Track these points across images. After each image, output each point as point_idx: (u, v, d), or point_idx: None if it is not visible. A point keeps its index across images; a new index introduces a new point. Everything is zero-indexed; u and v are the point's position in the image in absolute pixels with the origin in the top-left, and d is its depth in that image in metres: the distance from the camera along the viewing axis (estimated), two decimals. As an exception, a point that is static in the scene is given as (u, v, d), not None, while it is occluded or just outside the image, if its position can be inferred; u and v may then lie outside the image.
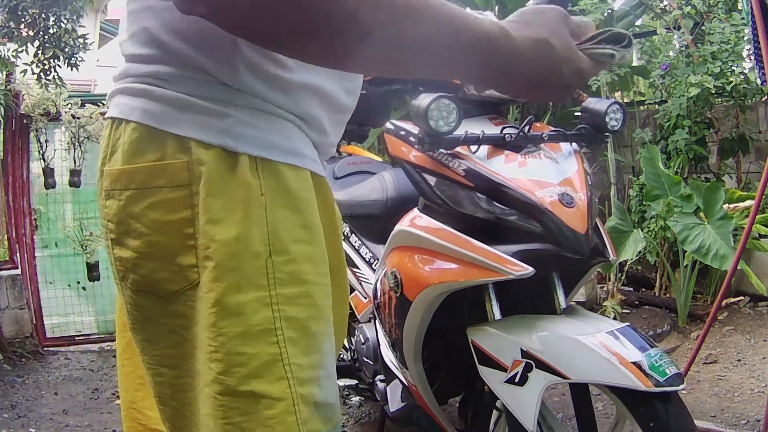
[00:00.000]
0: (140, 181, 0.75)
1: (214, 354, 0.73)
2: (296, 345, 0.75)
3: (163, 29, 0.74)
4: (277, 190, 0.76)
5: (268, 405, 0.73)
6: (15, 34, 3.47)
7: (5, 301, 3.61)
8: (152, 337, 0.80)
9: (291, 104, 0.78)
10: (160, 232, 0.75)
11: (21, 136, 3.77)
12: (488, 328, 1.32)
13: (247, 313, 0.73)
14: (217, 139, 0.74)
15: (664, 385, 1.10)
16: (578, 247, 1.25)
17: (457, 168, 1.31)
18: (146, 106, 0.75)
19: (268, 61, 0.75)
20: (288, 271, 0.75)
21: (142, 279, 0.77)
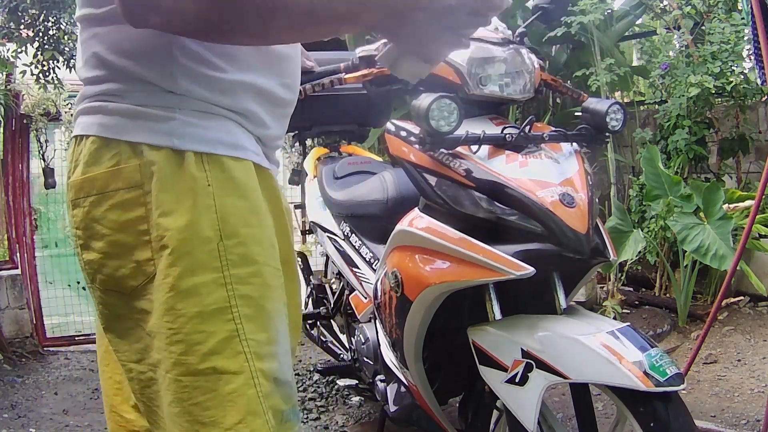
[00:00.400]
0: (99, 187, 0.83)
1: (174, 336, 0.79)
2: (252, 321, 0.81)
3: (109, 51, 0.83)
4: (224, 181, 0.82)
5: (228, 380, 0.78)
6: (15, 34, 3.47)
7: (5, 301, 3.61)
8: (121, 334, 0.86)
9: (229, 102, 0.85)
10: (119, 231, 0.82)
11: (21, 136, 3.77)
12: (489, 328, 1.32)
13: (203, 293, 0.79)
14: (165, 140, 0.81)
15: (664, 385, 1.10)
16: (579, 247, 1.25)
17: (457, 168, 1.31)
18: (102, 120, 0.83)
19: (203, 66, 0.83)
20: (239, 253, 0.81)
21: (107, 278, 0.84)
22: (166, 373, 0.80)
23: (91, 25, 0.85)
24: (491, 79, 1.41)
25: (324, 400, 2.76)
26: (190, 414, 0.79)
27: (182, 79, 0.82)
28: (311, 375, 3.10)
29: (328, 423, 2.54)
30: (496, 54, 1.42)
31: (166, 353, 0.80)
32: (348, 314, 2.26)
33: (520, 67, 1.43)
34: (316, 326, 2.57)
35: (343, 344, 2.38)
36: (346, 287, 2.27)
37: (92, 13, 0.84)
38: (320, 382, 2.98)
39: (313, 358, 3.39)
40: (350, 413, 2.62)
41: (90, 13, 0.84)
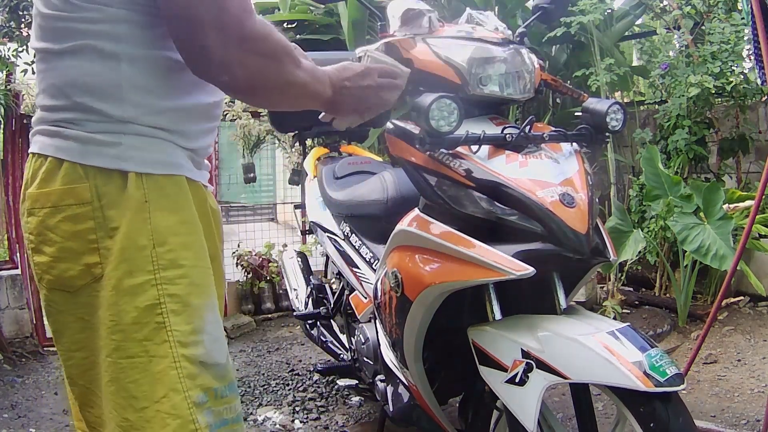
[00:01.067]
0: (54, 201, 0.97)
1: (116, 327, 0.95)
2: (178, 315, 0.97)
3: (66, 84, 0.97)
4: (158, 197, 0.98)
5: (157, 362, 0.95)
6: (15, 34, 3.46)
7: (5, 301, 3.60)
8: (62, 327, 1.02)
9: (168, 124, 1.00)
10: (70, 239, 0.97)
11: (21, 136, 3.76)
12: (489, 328, 1.32)
13: (138, 292, 0.96)
14: (113, 163, 0.97)
15: (664, 385, 1.10)
16: (579, 247, 1.25)
17: (458, 168, 1.31)
18: (58, 143, 0.98)
19: (148, 95, 0.98)
20: (168, 258, 0.98)
21: (54, 278, 0.99)
22: (106, 356, 0.97)
23: (48, 59, 0.99)
24: (491, 79, 1.41)
25: (324, 400, 2.76)
26: (126, 390, 0.95)
27: (130, 107, 0.97)
28: (311, 375, 3.10)
29: (328, 423, 2.54)
30: (496, 54, 1.42)
31: (107, 340, 0.96)
32: (348, 314, 2.26)
33: (520, 67, 1.44)
34: (316, 326, 2.57)
35: (343, 344, 2.38)
36: (346, 287, 2.27)
37: (50, 47, 0.98)
38: (320, 382, 2.98)
39: (313, 358, 3.39)
40: (350, 413, 2.62)
41: (48, 47, 0.98)
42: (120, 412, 0.96)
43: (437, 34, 1.47)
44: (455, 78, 1.40)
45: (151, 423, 0.95)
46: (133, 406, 0.95)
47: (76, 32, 0.95)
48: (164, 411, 0.95)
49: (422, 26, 1.46)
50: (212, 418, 0.97)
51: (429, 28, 1.46)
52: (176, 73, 1.00)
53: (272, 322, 4.17)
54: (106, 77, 0.96)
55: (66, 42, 0.96)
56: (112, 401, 0.97)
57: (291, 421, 2.57)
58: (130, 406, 0.95)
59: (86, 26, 0.95)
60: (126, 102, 0.97)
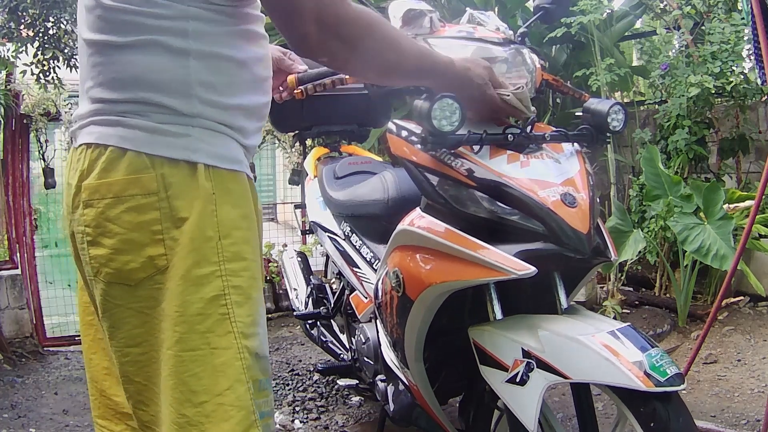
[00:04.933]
0: (116, 191, 0.95)
1: (180, 318, 0.94)
2: (241, 307, 0.97)
3: (131, 79, 0.96)
4: (223, 191, 0.99)
5: (220, 354, 0.95)
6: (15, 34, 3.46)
7: (5, 301, 3.60)
8: (119, 322, 0.99)
9: (230, 120, 1.01)
10: (133, 231, 0.95)
11: (21, 136, 3.76)
12: (489, 327, 1.32)
13: (204, 283, 0.95)
14: (182, 154, 0.97)
15: (664, 385, 1.10)
16: (580, 247, 1.25)
17: (459, 167, 1.31)
18: (122, 133, 0.96)
19: (212, 93, 0.99)
20: (232, 251, 0.98)
21: (114, 271, 0.97)
22: (167, 349, 0.95)
23: (107, 51, 0.97)
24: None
25: (324, 400, 2.76)
26: (185, 384, 0.94)
27: (197, 103, 0.97)
28: (311, 375, 3.10)
29: (328, 423, 2.54)
30: (497, 54, 1.43)
31: (170, 332, 0.95)
32: (348, 314, 2.26)
33: (521, 67, 1.44)
34: (316, 326, 2.57)
35: (343, 344, 2.38)
36: (346, 287, 2.27)
37: (112, 40, 0.96)
38: (320, 382, 2.98)
39: (313, 358, 3.39)
40: (350, 413, 2.62)
41: (108, 40, 0.97)
42: (177, 408, 0.94)
43: (438, 35, 1.47)
44: None
45: (211, 417, 0.94)
46: (191, 401, 0.94)
47: (143, 27, 0.95)
48: (228, 403, 0.94)
49: (423, 26, 1.46)
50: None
51: (430, 28, 1.46)
52: (238, 71, 1.02)
53: (272, 322, 4.17)
54: (173, 73, 0.96)
55: (130, 36, 0.95)
56: (170, 396, 0.95)
57: (291, 421, 2.57)
58: (188, 401, 0.94)
59: (154, 21, 0.95)
60: (193, 98, 0.97)
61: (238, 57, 1.01)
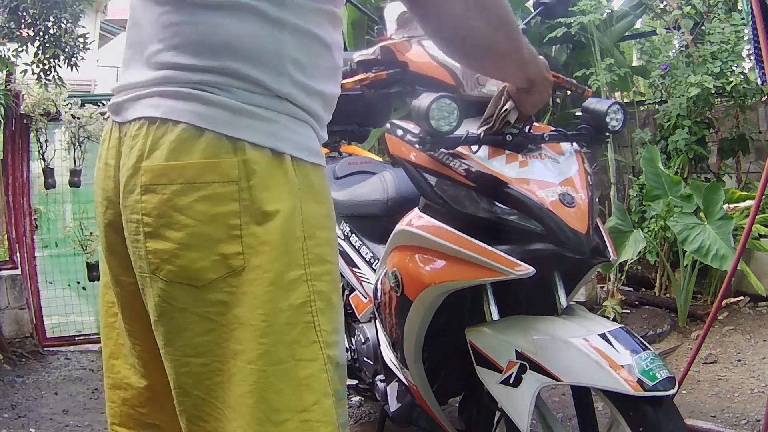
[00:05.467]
0: (189, 177, 0.82)
1: (268, 328, 0.83)
2: (324, 314, 0.88)
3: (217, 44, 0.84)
4: (307, 187, 0.89)
5: (305, 366, 0.85)
6: (15, 34, 3.46)
7: (5, 301, 3.60)
8: (180, 328, 0.86)
9: (314, 108, 0.91)
10: (206, 223, 0.83)
11: (21, 136, 3.76)
12: (485, 328, 1.32)
13: (292, 288, 0.85)
14: (268, 141, 0.85)
15: (654, 389, 1.09)
16: (579, 247, 1.25)
17: (458, 168, 1.31)
18: (197, 109, 0.83)
19: (303, 75, 0.88)
20: (316, 253, 0.88)
21: (179, 270, 0.84)
22: (248, 363, 0.83)
23: (190, 10, 0.85)
24: (488, 79, 1.41)
25: (324, 400, 2.75)
26: (267, 402, 0.83)
27: (288, 83, 0.87)
28: (311, 375, 3.09)
29: (328, 423, 2.53)
30: None
31: (253, 344, 0.83)
32: (348, 314, 2.26)
33: None
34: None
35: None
36: (346, 287, 2.26)
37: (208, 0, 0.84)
38: (320, 382, 2.98)
39: (313, 358, 3.39)
40: (350, 413, 2.61)
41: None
42: (256, 429, 0.83)
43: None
44: (449, 80, 1.40)
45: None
46: (271, 420, 0.84)
47: None
48: (314, 419, 0.85)
49: (418, 28, 1.46)
50: None
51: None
52: (324, 55, 0.92)
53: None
54: (267, 44, 0.85)
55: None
56: (248, 415, 0.84)
57: (291, 421, 2.57)
58: (269, 421, 0.84)
59: None
60: (285, 76, 0.86)
61: (326, 40, 0.91)
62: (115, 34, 11.28)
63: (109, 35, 11.30)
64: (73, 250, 3.95)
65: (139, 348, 1.01)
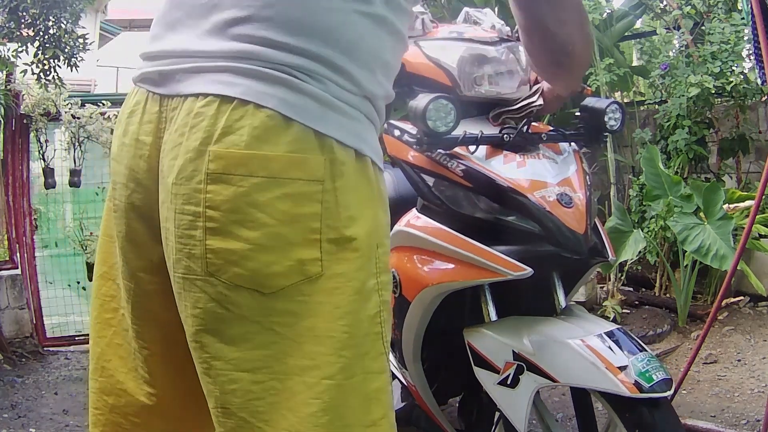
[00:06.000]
0: (274, 170, 0.74)
1: (351, 340, 0.78)
2: (387, 324, 0.84)
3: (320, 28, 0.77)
4: (379, 191, 0.85)
5: (374, 379, 0.80)
6: (15, 34, 3.46)
7: (5, 301, 3.60)
8: (236, 339, 0.77)
9: (382, 112, 0.87)
10: (286, 224, 0.75)
11: (21, 136, 3.76)
12: (483, 329, 1.32)
13: (371, 298, 0.81)
14: (355, 141, 0.80)
15: (650, 391, 1.09)
16: (577, 247, 1.25)
17: (455, 168, 1.31)
18: (286, 95, 0.76)
19: (386, 76, 0.85)
20: (384, 261, 0.84)
21: (249, 273, 0.75)
22: (322, 379, 0.76)
23: None
24: (485, 79, 1.40)
25: (323, 400, 2.75)
26: (342, 419, 0.77)
27: (376, 84, 0.83)
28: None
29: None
30: (487, 53, 1.42)
31: (332, 357, 0.76)
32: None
33: (513, 66, 1.43)
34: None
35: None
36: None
37: None
38: (320, 382, 2.97)
39: (312, 358, 3.39)
40: (350, 413, 2.61)
41: None
42: None
43: (430, 36, 1.46)
44: (446, 80, 1.40)
45: None
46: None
47: None
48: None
49: (416, 28, 1.45)
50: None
51: (422, 29, 1.46)
52: (398, 59, 0.89)
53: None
54: (368, 40, 0.80)
55: None
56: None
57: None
58: None
59: None
60: (375, 75, 0.82)
61: (405, 45, 0.88)
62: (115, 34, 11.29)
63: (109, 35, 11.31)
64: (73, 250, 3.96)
65: (147, 353, 0.92)
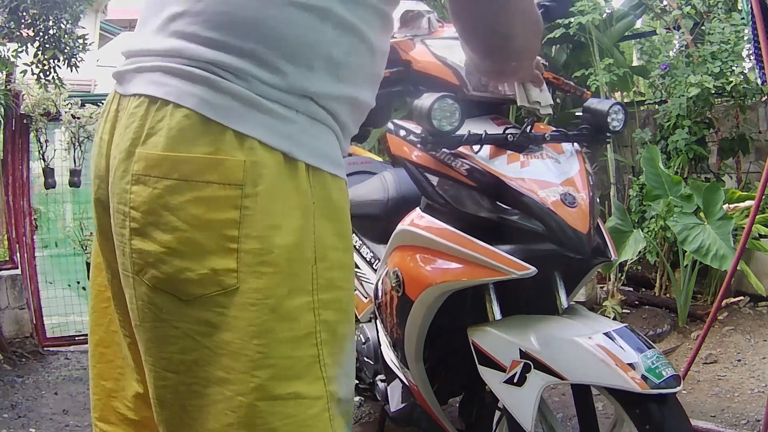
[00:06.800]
0: (186, 173, 0.71)
1: (265, 360, 0.73)
2: (327, 346, 0.77)
3: (248, 21, 0.73)
4: (323, 199, 0.78)
5: (309, 405, 0.75)
6: (15, 34, 3.46)
7: (5, 301, 3.60)
8: (161, 340, 0.76)
9: (337, 113, 0.80)
10: (198, 230, 0.72)
11: (21, 136, 3.77)
12: (488, 328, 1.32)
13: (298, 317, 0.75)
14: (282, 144, 0.74)
15: (659, 387, 1.09)
16: (580, 247, 1.25)
17: (459, 168, 1.31)
18: (206, 95, 0.72)
19: (334, 74, 0.78)
20: (327, 278, 0.77)
21: (164, 276, 0.73)
22: (237, 395, 0.73)
23: None
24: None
25: (324, 400, 2.75)
26: None
27: (316, 81, 0.76)
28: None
29: (328, 423, 2.53)
30: None
31: (246, 376, 0.73)
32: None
33: None
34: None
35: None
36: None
37: None
38: (320, 382, 2.97)
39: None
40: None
41: None
42: None
43: (436, 35, 1.46)
44: (453, 79, 1.40)
45: None
46: None
47: None
48: None
49: (422, 27, 1.45)
50: None
51: (428, 29, 1.46)
52: (366, 59, 0.82)
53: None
54: (303, 34, 0.74)
55: None
56: None
57: (291, 421, 2.57)
58: None
59: None
60: (315, 72, 0.76)
61: (373, 42, 0.81)
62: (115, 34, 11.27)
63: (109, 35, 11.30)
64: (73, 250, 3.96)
65: (129, 341, 0.91)
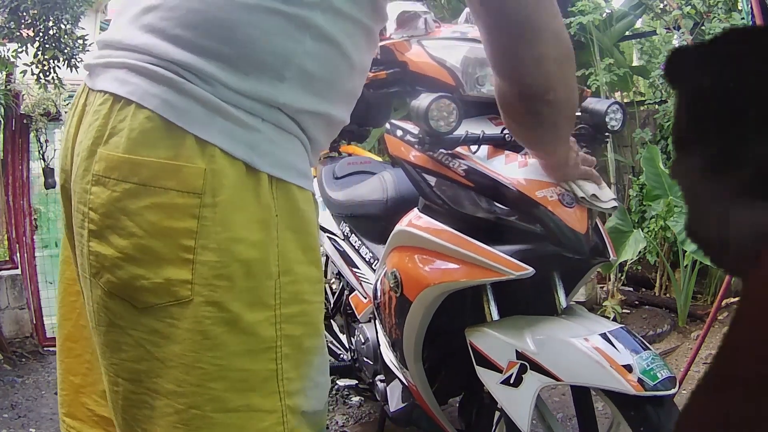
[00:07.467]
0: (145, 177, 0.69)
1: (220, 372, 0.72)
2: (289, 360, 0.76)
3: (224, 24, 0.71)
4: (287, 212, 0.75)
5: (262, 418, 0.75)
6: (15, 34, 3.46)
7: (5, 301, 3.61)
8: (114, 345, 0.75)
9: (307, 126, 0.79)
10: (155, 237, 0.70)
11: (21, 136, 3.77)
12: (485, 329, 1.32)
13: (257, 332, 0.73)
14: (244, 153, 0.71)
15: (654, 389, 1.09)
16: (578, 247, 1.25)
17: (457, 168, 1.31)
18: (168, 97, 0.70)
19: (307, 87, 0.76)
20: (291, 291, 0.76)
21: (119, 282, 0.72)
22: (190, 408, 0.72)
23: None
24: (488, 79, 1.41)
25: (324, 400, 2.75)
26: None
27: (285, 91, 0.74)
28: (311, 375, 3.09)
29: (328, 423, 2.54)
30: None
31: (200, 389, 0.72)
32: (348, 314, 2.26)
33: None
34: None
35: (343, 344, 2.38)
36: (345, 287, 2.27)
37: None
38: (320, 382, 2.97)
39: (313, 358, 3.39)
40: (350, 413, 2.61)
41: None
42: None
43: (433, 36, 1.46)
44: (449, 80, 1.40)
45: None
46: None
47: None
48: None
49: (418, 28, 1.46)
50: None
51: (425, 29, 1.46)
52: (343, 75, 0.81)
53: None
54: (278, 43, 0.72)
55: None
56: None
57: (291, 421, 2.57)
58: None
59: None
60: (285, 83, 0.74)
61: (352, 58, 0.79)
62: (115, 34, 11.25)
63: (109, 35, 11.29)
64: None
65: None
